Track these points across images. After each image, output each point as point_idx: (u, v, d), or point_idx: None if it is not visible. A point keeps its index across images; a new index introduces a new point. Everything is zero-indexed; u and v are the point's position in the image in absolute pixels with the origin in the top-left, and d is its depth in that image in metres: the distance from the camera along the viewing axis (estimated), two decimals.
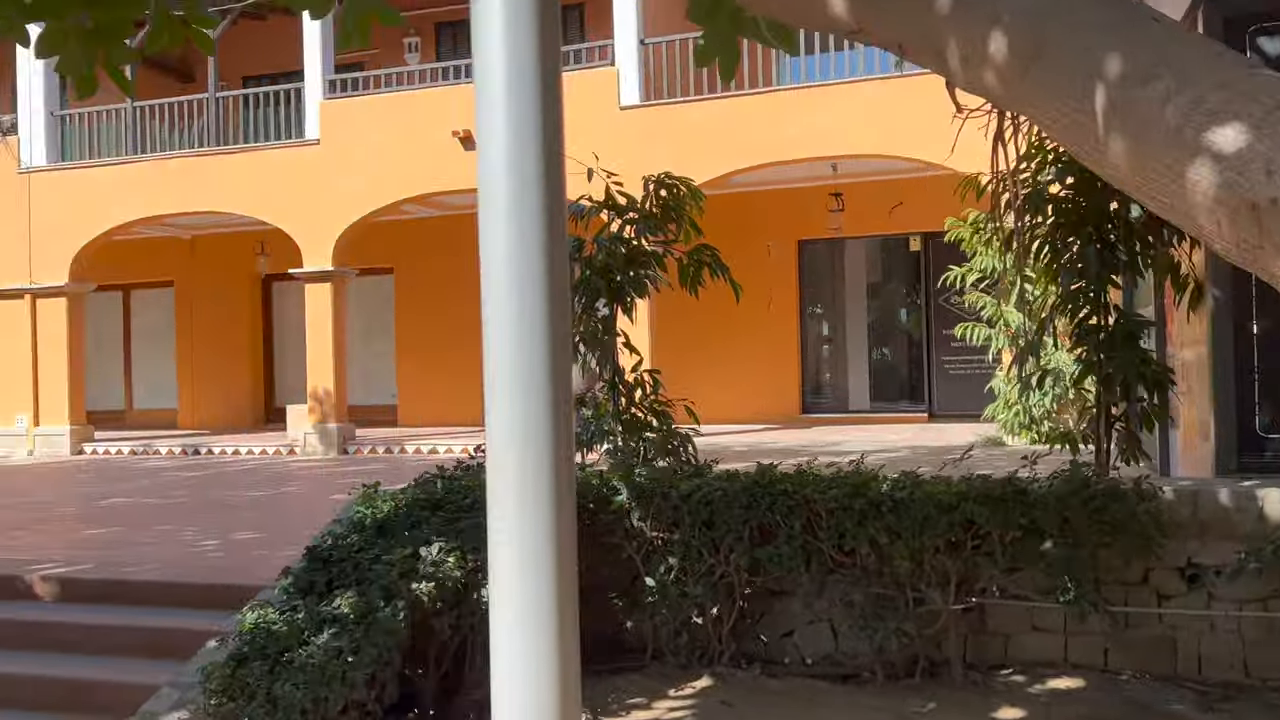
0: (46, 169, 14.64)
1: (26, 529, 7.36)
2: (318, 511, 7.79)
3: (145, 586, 5.42)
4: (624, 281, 6.20)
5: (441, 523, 4.20)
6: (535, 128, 1.21)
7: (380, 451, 13.14)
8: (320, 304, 13.40)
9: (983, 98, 2.05)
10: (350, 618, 3.58)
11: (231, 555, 6.06)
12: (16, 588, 5.62)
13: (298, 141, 13.51)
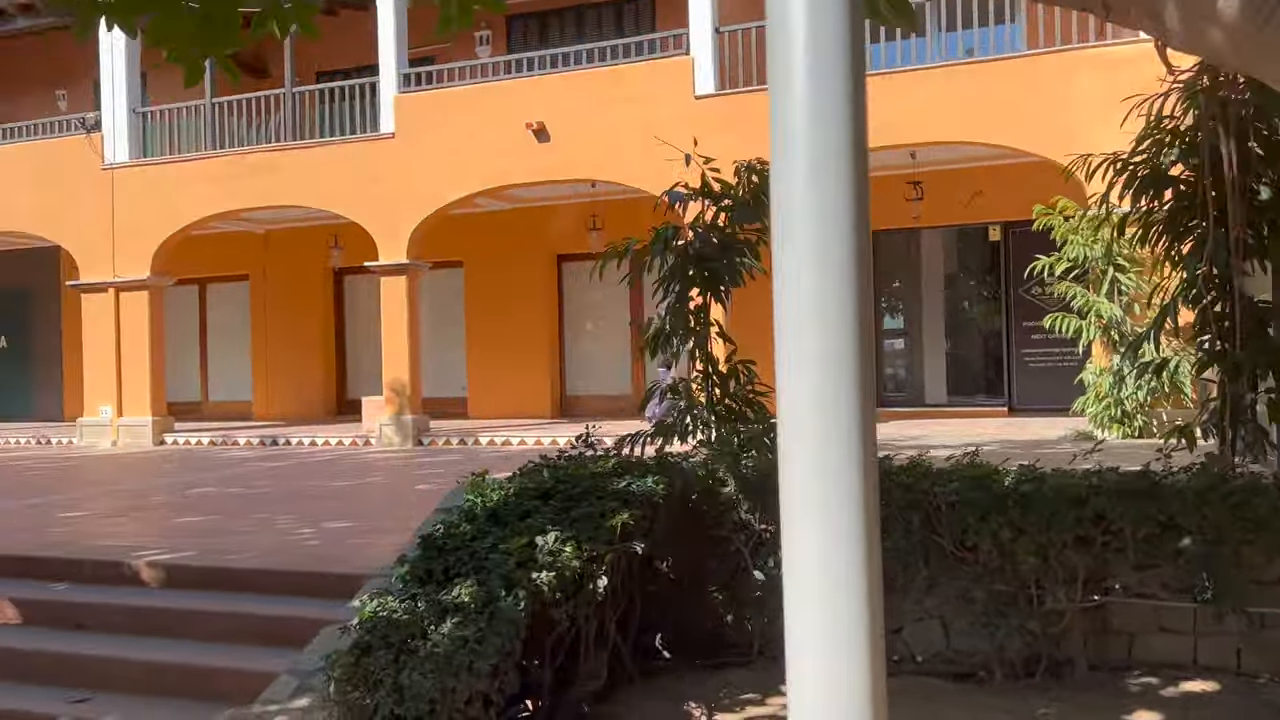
0: (129, 165, 14.95)
1: (125, 516, 7.50)
2: (405, 501, 7.84)
3: (249, 574, 5.46)
4: (719, 269, 6.10)
5: (554, 512, 4.13)
6: (840, 117, 1.07)
7: (454, 443, 13.21)
8: (395, 297, 13.51)
9: (1203, 57, 1.92)
10: (471, 607, 3.54)
11: (329, 544, 6.08)
12: (123, 573, 5.71)
13: (373, 135, 13.62)
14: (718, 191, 6.22)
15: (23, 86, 19.08)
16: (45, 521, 7.33)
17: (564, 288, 16.52)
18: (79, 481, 10.14)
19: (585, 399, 16.35)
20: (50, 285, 19.51)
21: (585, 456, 5.01)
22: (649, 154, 12.34)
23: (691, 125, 11.92)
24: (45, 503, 8.40)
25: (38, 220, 15.53)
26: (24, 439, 15.80)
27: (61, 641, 5.09)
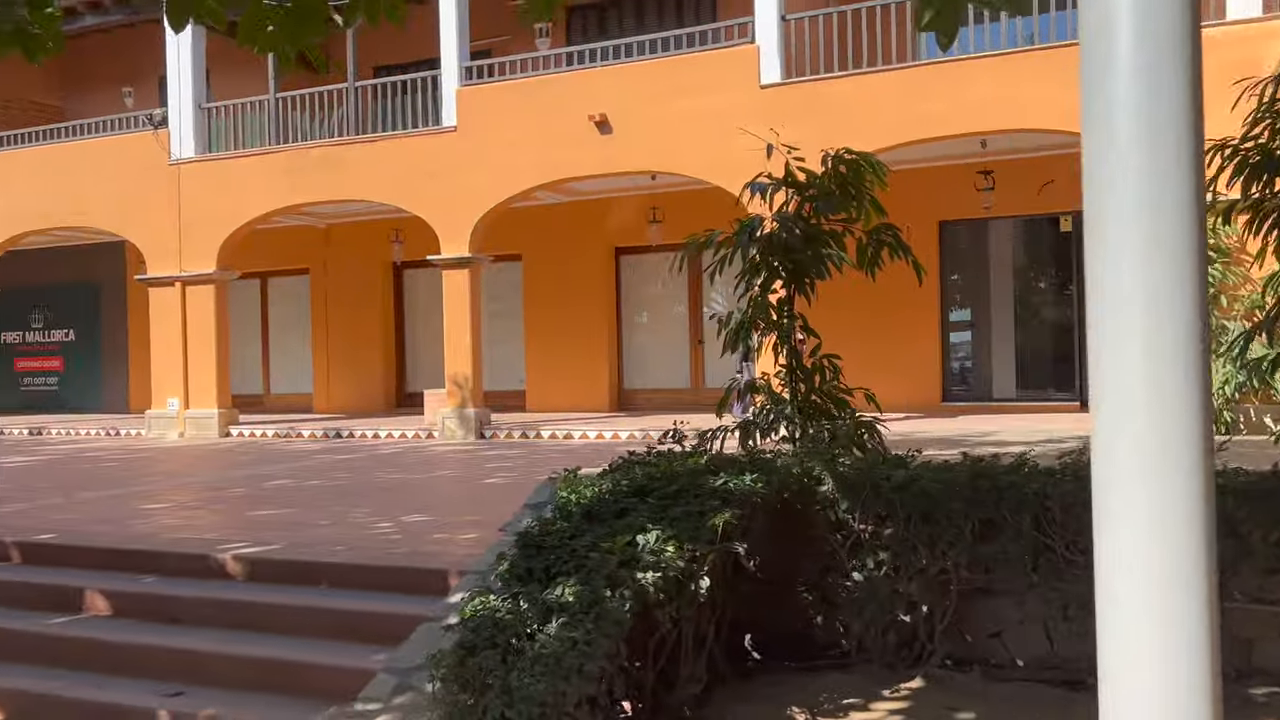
0: (194, 160, 15.14)
1: (203, 508, 7.57)
2: (478, 495, 7.81)
3: (335, 568, 5.45)
4: (804, 261, 5.96)
5: (651, 510, 4.04)
6: (1174, 100, 0.94)
7: (515, 436, 13.20)
8: (458, 290, 13.53)
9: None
10: (576, 607, 3.46)
11: (410, 538, 6.06)
12: (209, 566, 5.73)
13: (434, 129, 13.63)
14: (802, 181, 6.07)
15: (91, 84, 19.45)
16: (125, 514, 7.42)
17: (621, 281, 16.44)
18: (152, 473, 10.28)
19: (643, 393, 16.27)
20: (117, 279, 19.89)
21: (673, 453, 4.90)
22: (712, 145, 12.22)
23: (757, 115, 11.77)
24: (124, 494, 8.51)
25: (107, 215, 15.81)
26: (93, 430, 16.12)
27: (152, 634, 5.11)
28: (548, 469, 9.53)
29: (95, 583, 5.67)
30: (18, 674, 4.93)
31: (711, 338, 15.89)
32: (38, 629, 5.27)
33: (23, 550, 6.30)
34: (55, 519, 7.20)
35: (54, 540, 6.33)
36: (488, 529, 6.28)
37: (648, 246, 15.92)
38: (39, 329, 20.94)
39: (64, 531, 6.63)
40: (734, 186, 12.08)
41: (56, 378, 20.82)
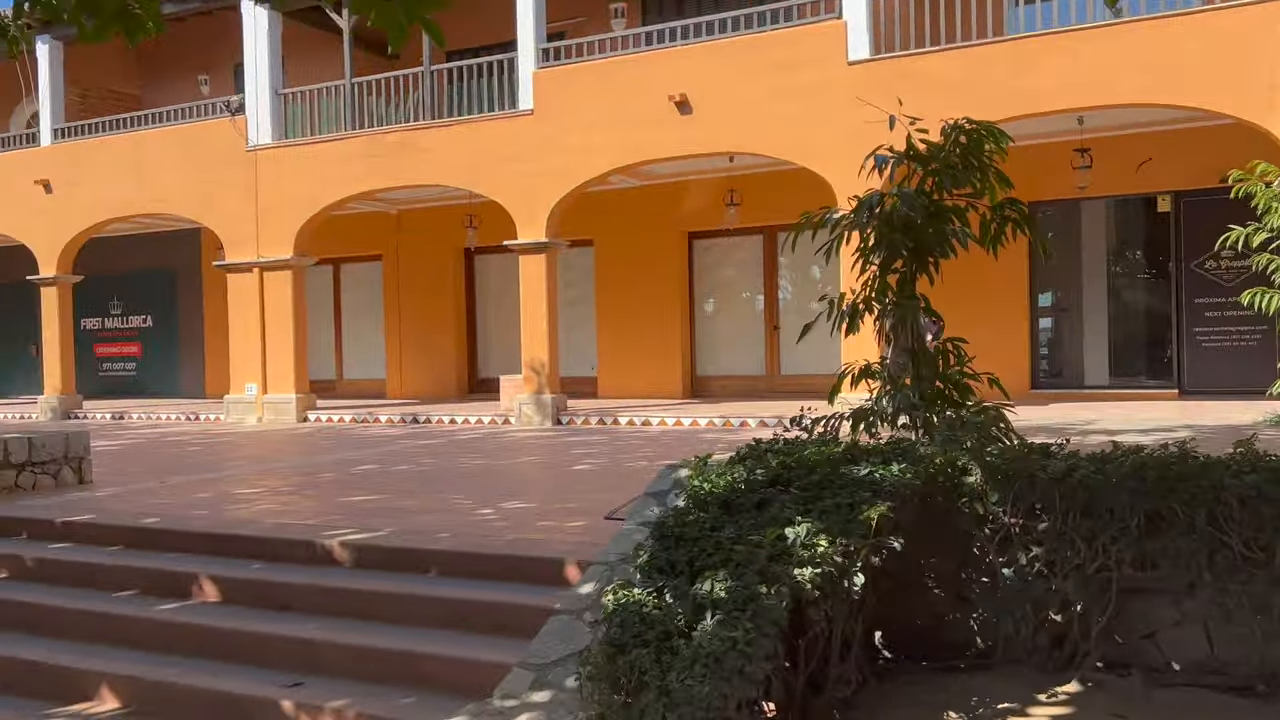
0: (271, 147, 15.20)
1: (297, 493, 7.51)
2: (571, 482, 7.65)
3: (444, 556, 5.30)
4: (927, 239, 5.66)
5: (795, 501, 3.81)
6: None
7: (593, 422, 13.05)
8: (534, 276, 13.39)
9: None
10: (729, 604, 3.24)
11: (516, 525, 5.90)
12: (315, 553, 5.63)
13: (511, 112, 13.49)
14: (924, 153, 5.76)
15: (167, 72, 19.69)
16: (221, 498, 7.38)
17: (694, 265, 16.18)
18: (239, 458, 10.31)
19: (716, 380, 16.03)
20: (193, 266, 20.15)
21: (803, 441, 4.66)
22: (797, 124, 11.89)
23: (845, 92, 11.43)
24: (215, 479, 8.51)
25: (185, 202, 15.96)
26: (172, 415, 16.33)
27: (263, 621, 5.01)
28: (634, 456, 9.37)
29: (202, 568, 5.61)
30: (131, 660, 4.87)
31: (788, 323, 15.59)
32: (148, 615, 5.21)
33: (127, 535, 6.28)
34: (152, 503, 7.19)
35: (157, 525, 6.29)
36: (592, 516, 6.11)
37: (722, 230, 15.64)
38: (117, 315, 21.34)
39: (162, 516, 6.60)
40: (820, 166, 11.79)
41: (134, 363, 21.20)
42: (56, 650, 5.02)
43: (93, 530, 6.41)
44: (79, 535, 6.43)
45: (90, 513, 6.80)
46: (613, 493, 7.02)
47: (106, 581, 5.78)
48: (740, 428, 11.99)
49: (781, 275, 15.56)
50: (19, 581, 6.03)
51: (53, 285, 17.23)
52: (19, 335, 22.61)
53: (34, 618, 5.49)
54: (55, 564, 6.04)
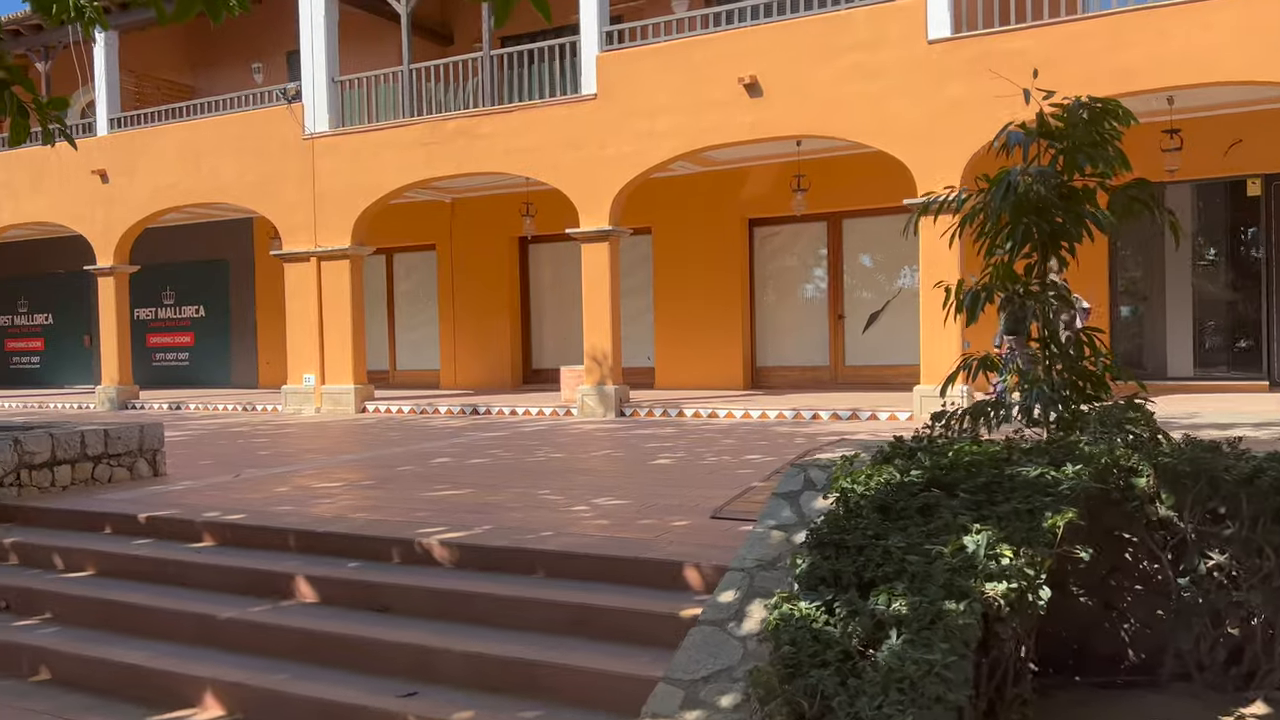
0: (328, 135, 15.03)
1: (378, 487, 7.29)
2: (657, 477, 7.37)
3: (551, 556, 5.05)
4: (1064, 222, 5.30)
5: (966, 507, 3.50)
6: None
7: (657, 414, 12.76)
8: (597, 264, 13.12)
9: None
10: (914, 622, 2.95)
11: (618, 524, 5.63)
12: (413, 551, 5.41)
13: (574, 97, 13.20)
14: (1056, 130, 5.39)
15: (220, 61, 19.62)
16: (301, 493, 7.19)
17: (755, 253, 15.83)
18: (308, 450, 10.15)
19: (778, 371, 15.69)
20: (246, 256, 20.12)
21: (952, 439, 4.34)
22: (874, 106, 11.48)
23: (924, 72, 11.02)
24: (290, 472, 8.33)
25: (243, 191, 15.85)
26: (229, 405, 16.27)
27: (367, 624, 4.78)
28: (712, 450, 9.08)
29: (297, 567, 5.40)
30: (233, 665, 4.66)
31: (853, 313, 15.21)
32: (246, 616, 5.00)
33: (213, 531, 6.10)
34: (234, 498, 7.01)
35: (244, 521, 6.10)
36: (693, 515, 5.85)
37: (784, 217, 15.28)
38: (170, 305, 21.37)
39: (248, 512, 6.42)
40: (898, 149, 11.38)
41: (187, 353, 21.23)
42: (158, 653, 4.83)
43: (178, 526, 6.23)
44: (164, 531, 6.26)
45: (171, 508, 6.64)
46: (704, 489, 6.75)
47: (198, 580, 5.59)
48: (812, 420, 11.66)
49: (846, 264, 15.17)
50: (107, 578, 5.86)
51: (110, 275, 17.23)
52: (72, 326, 22.76)
53: (127, 618, 5.30)
54: (143, 561, 5.86)
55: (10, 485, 7.14)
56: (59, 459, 7.45)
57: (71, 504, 6.90)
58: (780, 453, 8.61)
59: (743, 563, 4.02)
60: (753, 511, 5.78)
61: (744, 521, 5.56)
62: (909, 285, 14.69)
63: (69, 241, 21.47)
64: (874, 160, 14.04)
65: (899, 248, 14.73)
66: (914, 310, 14.65)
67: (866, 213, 14.78)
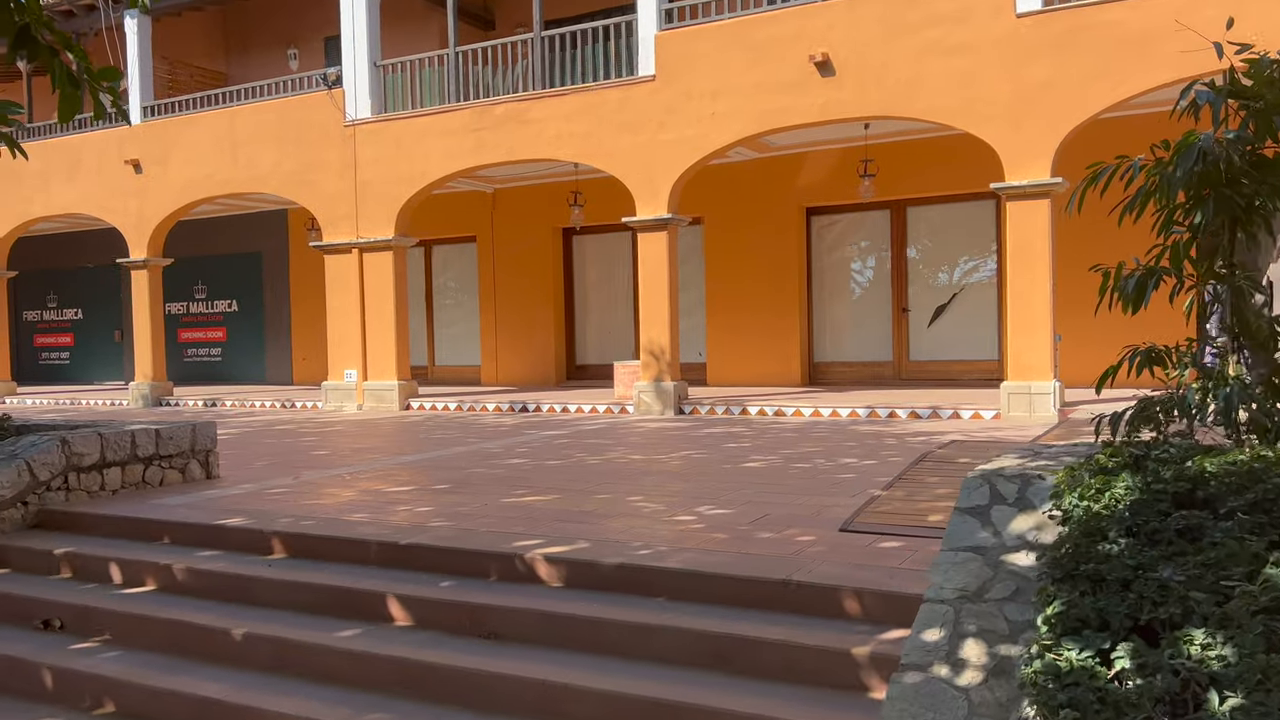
0: (371, 121, 14.49)
1: (455, 492, 6.71)
2: (752, 482, 6.75)
3: (671, 575, 4.44)
4: (1256, 196, 4.64)
5: (1246, 530, 2.86)
6: None
7: (719, 412, 12.15)
8: (655, 255, 12.50)
9: None
10: (1240, 678, 2.32)
11: (737, 538, 5.02)
12: (514, 568, 4.81)
13: (631, 79, 12.58)
14: (1248, 90, 4.73)
15: (253, 47, 19.12)
16: (371, 498, 6.62)
17: (812, 243, 15.18)
18: (363, 449, 9.59)
19: (837, 367, 15.04)
20: (280, 248, 19.63)
21: (1188, 445, 3.69)
22: (957, 84, 10.80)
23: (1012, 48, 10.34)
24: (351, 474, 7.77)
25: (281, 181, 15.32)
26: (267, 402, 15.76)
27: (476, 654, 4.20)
28: (799, 452, 8.46)
29: (385, 585, 4.82)
30: (326, 700, 4.08)
31: (918, 306, 14.55)
32: (334, 642, 4.42)
33: (285, 542, 5.53)
34: (300, 504, 6.45)
35: (318, 531, 5.53)
36: (816, 527, 5.23)
37: (843, 205, 14.64)
38: (202, 300, 20.92)
39: (318, 519, 5.85)
40: (984, 130, 10.69)
41: (219, 348, 20.77)
42: (237, 684, 4.26)
43: (245, 536, 5.66)
44: (231, 541, 5.69)
45: (232, 514, 6.08)
46: (812, 495, 6.14)
47: (272, 597, 5.02)
48: (889, 419, 11.02)
49: (910, 253, 14.50)
50: (170, 594, 5.31)
51: (143, 268, 16.75)
52: (103, 321, 22.36)
53: (196, 641, 4.74)
54: (210, 575, 5.30)
55: (58, 489, 6.61)
56: (108, 461, 6.91)
57: (125, 510, 6.35)
58: (879, 455, 7.99)
59: (941, 593, 3.39)
60: (890, 525, 5.17)
61: (882, 536, 4.95)
62: (977, 276, 14.02)
63: (99, 234, 21.07)
64: (942, 144, 13.38)
65: (967, 237, 14.05)
66: (983, 303, 13.99)
67: (933, 200, 14.12)
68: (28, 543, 6.09)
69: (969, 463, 7.01)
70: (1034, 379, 10.30)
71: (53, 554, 5.87)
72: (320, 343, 18.76)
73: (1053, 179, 10.12)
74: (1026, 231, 10.26)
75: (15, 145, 4.93)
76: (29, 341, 23.43)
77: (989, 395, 11.89)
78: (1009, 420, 10.27)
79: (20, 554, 6.00)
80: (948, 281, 14.26)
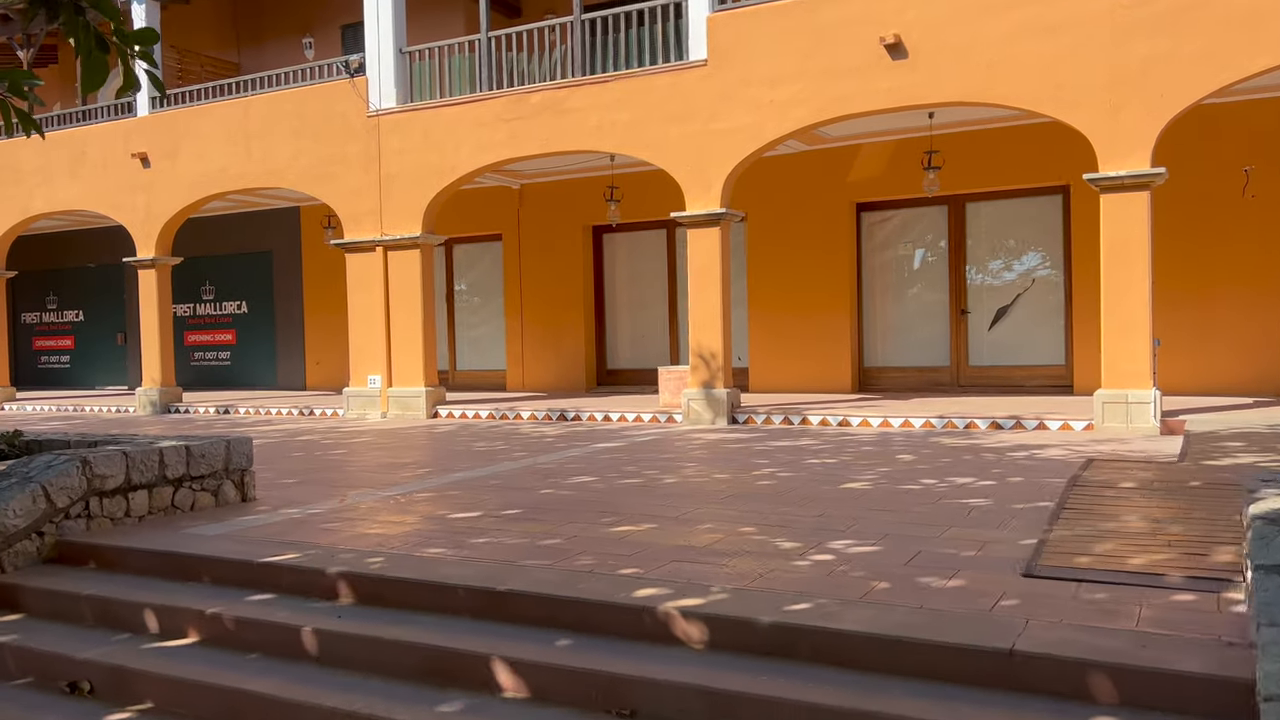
0: (396, 111, 13.64)
1: (532, 519, 5.86)
2: (870, 507, 5.91)
3: (857, 641, 3.61)
4: None
5: None
6: None
7: (777, 422, 11.32)
8: (706, 252, 11.67)
9: None
10: None
11: (900, 584, 4.18)
12: (642, 623, 3.97)
13: (680, 64, 11.76)
14: None
15: (267, 36, 18.27)
16: (438, 526, 5.79)
17: (863, 240, 14.37)
18: (404, 463, 8.74)
19: (888, 371, 14.24)
20: (291, 247, 18.79)
21: None
22: (1050, 67, 9.94)
23: (1107, 27, 9.53)
24: (405, 495, 6.93)
25: (298, 175, 14.47)
26: (283, 409, 14.90)
27: None
28: (892, 468, 7.61)
29: (484, 642, 3.98)
30: None
31: (978, 307, 13.73)
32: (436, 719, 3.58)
33: (353, 584, 4.68)
34: (358, 534, 5.62)
35: (392, 572, 4.67)
36: (986, 569, 4.42)
37: (897, 200, 13.84)
38: (210, 301, 20.05)
39: (386, 555, 5.00)
40: (1076, 117, 9.81)
41: (228, 352, 19.91)
42: None
43: (301, 577, 4.81)
44: (284, 583, 4.84)
45: (281, 547, 5.23)
46: (955, 527, 5.31)
47: (346, 657, 4.18)
48: (967, 430, 10.20)
49: (969, 252, 13.69)
50: (218, 650, 4.46)
51: (151, 268, 15.88)
52: (105, 323, 21.48)
53: (260, 714, 3.90)
54: (264, 627, 4.45)
55: (78, 517, 5.76)
56: (134, 483, 6.06)
57: (156, 542, 5.50)
58: (992, 474, 7.17)
59: None
60: (1085, 570, 4.33)
61: (1081, 584, 4.12)
62: (1043, 275, 13.21)
63: (101, 233, 20.19)
64: (1007, 135, 12.61)
65: (1032, 233, 13.26)
66: (1049, 304, 13.19)
67: (995, 195, 13.31)
68: (47, 582, 5.24)
69: (1134, 488, 6.21)
70: (1131, 387, 9.48)
71: (77, 596, 5.02)
72: (335, 346, 17.91)
73: (1154, 169, 9.31)
74: (1123, 227, 9.45)
75: (31, 122, 4.17)
76: (27, 344, 22.53)
77: (1074, 404, 11.10)
78: (1105, 432, 9.46)
79: (38, 596, 5.15)
80: (1010, 281, 13.45)
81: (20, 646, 4.68)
